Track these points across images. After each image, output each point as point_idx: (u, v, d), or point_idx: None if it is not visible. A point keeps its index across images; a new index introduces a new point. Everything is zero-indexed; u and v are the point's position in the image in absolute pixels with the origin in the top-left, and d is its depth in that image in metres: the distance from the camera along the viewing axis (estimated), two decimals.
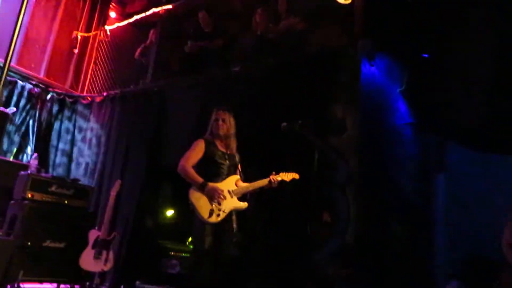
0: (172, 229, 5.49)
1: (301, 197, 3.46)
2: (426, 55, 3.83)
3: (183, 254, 5.09)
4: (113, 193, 4.50)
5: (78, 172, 5.83)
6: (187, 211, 3.22)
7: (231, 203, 3.14)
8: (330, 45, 4.33)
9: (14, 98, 5.75)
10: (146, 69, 5.88)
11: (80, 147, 5.99)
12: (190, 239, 5.28)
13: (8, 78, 5.71)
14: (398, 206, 3.75)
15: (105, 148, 5.65)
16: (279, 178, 3.26)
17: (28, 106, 5.94)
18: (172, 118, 5.12)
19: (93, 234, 4.33)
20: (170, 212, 5.67)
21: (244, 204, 3.21)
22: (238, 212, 3.22)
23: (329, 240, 3.60)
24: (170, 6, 6.00)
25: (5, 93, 5.55)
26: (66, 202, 4.44)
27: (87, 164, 5.84)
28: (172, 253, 5.10)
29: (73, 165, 5.95)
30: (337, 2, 4.32)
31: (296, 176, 3.34)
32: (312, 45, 4.63)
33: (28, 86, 6.02)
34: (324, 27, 4.62)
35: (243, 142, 3.56)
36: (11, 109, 5.02)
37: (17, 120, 5.78)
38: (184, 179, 3.19)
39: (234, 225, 3.16)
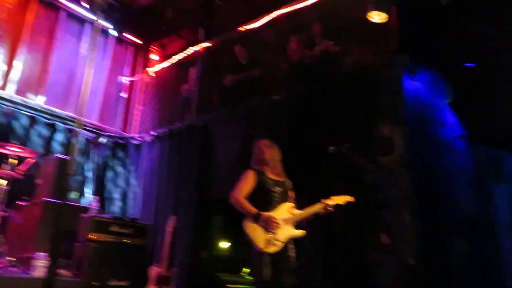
0: (228, 261, 5.53)
1: (355, 220, 3.43)
2: (472, 65, 3.74)
3: (240, 286, 5.10)
4: (169, 229, 4.65)
5: (133, 210, 6.08)
6: (240, 242, 3.27)
7: (287, 232, 3.16)
8: (367, 64, 4.34)
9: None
10: (189, 106, 6.13)
11: (134, 186, 6.26)
12: (245, 270, 5.30)
13: (67, 126, 6.15)
14: (457, 221, 3.62)
15: (157, 185, 5.87)
16: (334, 202, 3.24)
17: (84, 151, 6.32)
18: (217, 151, 5.28)
19: (153, 271, 4.47)
20: (224, 244, 5.74)
21: (300, 232, 3.21)
22: (294, 239, 3.23)
23: (388, 261, 3.51)
24: (208, 44, 6.26)
25: (63, 139, 5.97)
26: (126, 241, 4.63)
27: (141, 201, 6.09)
28: (229, 285, 5.13)
29: (129, 204, 6.22)
30: (371, 21, 4.35)
31: (351, 198, 3.30)
32: (349, 66, 4.66)
33: (84, 132, 6.43)
34: (359, 47, 4.65)
35: (290, 169, 3.60)
36: (72, 156, 5.34)
37: (75, 164, 6.15)
38: (237, 210, 3.25)
39: (291, 254, 3.16)
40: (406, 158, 3.58)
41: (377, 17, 4.28)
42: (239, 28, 5.99)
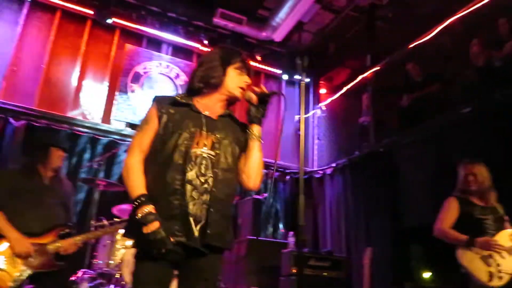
0: None
1: None
2: None
3: None
4: (366, 261, 4.54)
5: (323, 244, 6.18)
6: (445, 272, 2.98)
7: None
8: None
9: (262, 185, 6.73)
10: (367, 133, 6.04)
11: (324, 220, 6.39)
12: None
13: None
14: None
15: (345, 216, 5.87)
16: None
17: (273, 190, 6.81)
18: (406, 175, 5.00)
19: None
20: (426, 274, 5.31)
21: None
22: None
23: None
24: (376, 68, 6.16)
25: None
26: (325, 274, 4.71)
27: (330, 234, 6.16)
28: None
29: (319, 237, 6.36)
30: None
31: None
32: None
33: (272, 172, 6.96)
34: None
35: (500, 189, 3.15)
36: (265, 195, 5.83)
37: (267, 203, 6.66)
38: (436, 238, 3.00)
39: None
40: None
41: None
42: (409, 46, 5.72)
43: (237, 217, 5.71)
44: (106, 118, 6.16)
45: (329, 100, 7.32)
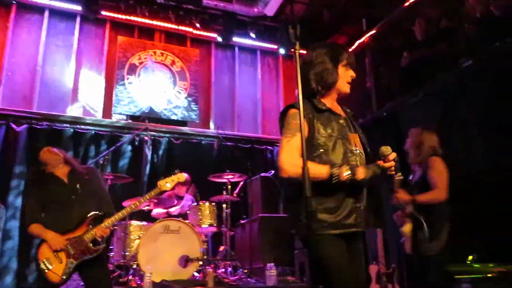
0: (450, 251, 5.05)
1: None
2: None
3: (469, 276, 4.58)
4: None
5: None
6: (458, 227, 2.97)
7: None
8: None
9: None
10: (369, 98, 5.95)
11: None
12: (470, 257, 4.75)
13: (261, 147, 6.74)
14: None
15: None
16: None
17: None
18: None
19: (372, 269, 4.41)
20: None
21: None
22: None
23: None
24: (373, 31, 6.02)
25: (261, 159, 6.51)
26: None
27: None
28: (458, 276, 4.67)
29: None
30: None
31: None
32: None
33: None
34: None
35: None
36: (271, 172, 5.80)
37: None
38: None
39: None
40: None
41: None
42: (404, 5, 5.55)
43: (247, 196, 5.74)
44: (107, 112, 6.16)
45: None
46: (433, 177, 3.15)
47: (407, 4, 5.51)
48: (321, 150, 1.83)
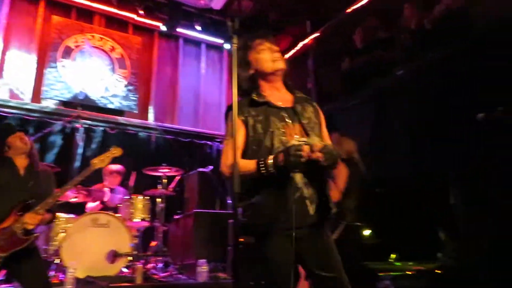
0: (372, 249, 5.31)
1: None
2: None
3: (392, 273, 4.84)
4: None
5: None
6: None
7: None
8: (507, 15, 3.72)
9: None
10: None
11: None
12: (393, 256, 5.02)
13: (202, 142, 6.65)
14: None
15: None
16: None
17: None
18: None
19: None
20: (366, 232, 5.54)
21: None
22: None
23: None
24: (317, 34, 6.15)
25: (201, 154, 6.44)
26: None
27: None
28: (380, 273, 4.91)
29: None
30: None
31: None
32: (479, 18, 4.08)
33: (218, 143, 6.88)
34: None
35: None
36: (210, 167, 5.75)
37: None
38: None
39: None
40: None
41: None
42: (346, 11, 5.73)
43: (184, 191, 5.64)
44: (37, 97, 5.75)
45: None
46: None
47: (349, 10, 5.69)
48: (255, 147, 1.82)
